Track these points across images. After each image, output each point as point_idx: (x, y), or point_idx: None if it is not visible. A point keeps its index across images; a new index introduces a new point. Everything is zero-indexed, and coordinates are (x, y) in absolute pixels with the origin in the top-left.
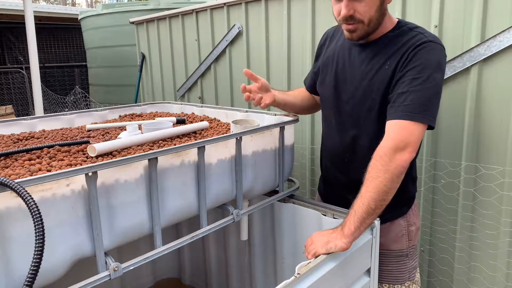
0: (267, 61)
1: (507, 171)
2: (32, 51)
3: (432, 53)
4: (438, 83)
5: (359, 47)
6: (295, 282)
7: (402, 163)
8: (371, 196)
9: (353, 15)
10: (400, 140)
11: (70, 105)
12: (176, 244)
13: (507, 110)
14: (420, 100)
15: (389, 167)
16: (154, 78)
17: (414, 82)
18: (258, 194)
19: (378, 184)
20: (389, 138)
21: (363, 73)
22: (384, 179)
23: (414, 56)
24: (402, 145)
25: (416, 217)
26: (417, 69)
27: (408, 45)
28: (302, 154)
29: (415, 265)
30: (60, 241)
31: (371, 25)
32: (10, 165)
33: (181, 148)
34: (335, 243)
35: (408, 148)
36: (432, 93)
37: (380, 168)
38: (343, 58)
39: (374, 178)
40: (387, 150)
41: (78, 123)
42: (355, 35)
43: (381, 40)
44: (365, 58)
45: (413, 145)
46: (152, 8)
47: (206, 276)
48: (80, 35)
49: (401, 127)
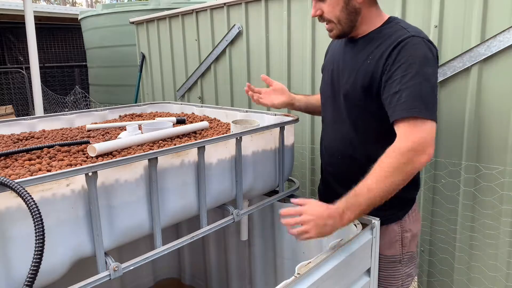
0: (267, 61)
1: (507, 171)
2: (32, 51)
3: (416, 48)
4: (429, 77)
5: (350, 44)
6: (295, 282)
7: (419, 166)
8: (379, 193)
9: (321, 15)
10: (419, 143)
11: (70, 105)
12: (176, 244)
13: (507, 110)
14: (416, 94)
15: (405, 169)
16: (154, 78)
17: (404, 80)
18: (258, 194)
19: (390, 184)
20: (406, 138)
21: (350, 70)
22: (397, 179)
23: (399, 55)
24: (420, 148)
25: (414, 224)
26: (404, 67)
27: (389, 41)
28: (302, 154)
29: (410, 273)
30: (60, 241)
31: (342, 24)
32: (10, 165)
33: (181, 148)
34: (331, 229)
35: (427, 150)
36: (425, 87)
37: (396, 166)
38: (339, 57)
39: (388, 177)
40: (406, 152)
41: (78, 123)
42: (332, 34)
43: (368, 36)
44: (353, 55)
45: (431, 145)
46: (152, 8)
47: (206, 276)
48: (80, 35)
49: (414, 125)
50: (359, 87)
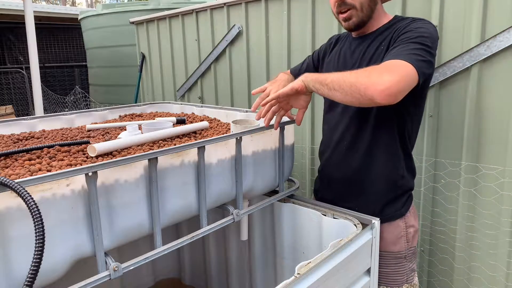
0: (267, 61)
1: (507, 171)
2: (32, 51)
3: (421, 24)
4: (428, 45)
5: (358, 41)
6: (295, 282)
7: (384, 84)
8: (339, 79)
9: (344, 0)
10: (384, 66)
11: (70, 105)
12: (176, 244)
13: (507, 110)
14: (408, 48)
15: (370, 79)
16: (154, 78)
17: (403, 41)
18: (258, 194)
19: (352, 79)
20: (381, 63)
21: (361, 61)
22: (359, 80)
23: (405, 28)
24: (383, 68)
25: (414, 219)
26: (407, 34)
27: (400, 25)
28: (302, 154)
29: (413, 268)
30: (60, 241)
31: (364, 10)
32: (10, 165)
33: (181, 148)
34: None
35: (388, 73)
36: (421, 49)
37: (356, 72)
38: (345, 53)
39: (353, 74)
40: (371, 68)
41: (78, 123)
42: (352, 22)
43: (377, 31)
44: (362, 48)
45: (396, 74)
46: (152, 8)
47: (206, 276)
48: (80, 35)
49: (390, 61)
50: None
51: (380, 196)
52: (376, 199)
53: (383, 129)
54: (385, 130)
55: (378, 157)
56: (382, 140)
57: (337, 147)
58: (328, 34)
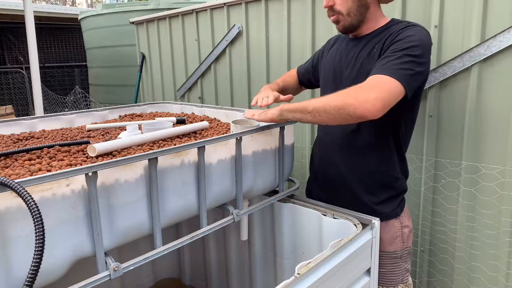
0: (267, 61)
1: (507, 171)
2: (32, 51)
3: (414, 31)
4: (416, 54)
5: (354, 42)
6: (295, 282)
7: (372, 101)
8: (323, 105)
9: (332, 6)
10: (370, 83)
11: (70, 105)
12: (176, 244)
13: (507, 110)
14: (396, 62)
15: (357, 99)
16: (154, 78)
17: (393, 51)
18: (258, 194)
19: (338, 103)
20: (365, 81)
21: (356, 61)
22: (347, 101)
23: (398, 36)
24: (369, 86)
25: (408, 219)
26: (397, 45)
27: (393, 29)
28: (302, 154)
29: (408, 268)
30: (60, 241)
31: (352, 16)
32: (10, 165)
33: (181, 148)
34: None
35: (375, 91)
36: (409, 61)
37: (339, 95)
38: (341, 54)
39: (338, 97)
40: (355, 88)
41: (78, 123)
42: (340, 26)
43: (372, 33)
44: (357, 50)
45: (381, 90)
46: (152, 8)
47: (206, 276)
48: (80, 35)
49: (372, 77)
50: (365, 75)
51: (373, 198)
52: (370, 200)
53: (377, 131)
54: (379, 132)
55: (372, 158)
56: (376, 141)
57: (331, 147)
58: (328, 34)
